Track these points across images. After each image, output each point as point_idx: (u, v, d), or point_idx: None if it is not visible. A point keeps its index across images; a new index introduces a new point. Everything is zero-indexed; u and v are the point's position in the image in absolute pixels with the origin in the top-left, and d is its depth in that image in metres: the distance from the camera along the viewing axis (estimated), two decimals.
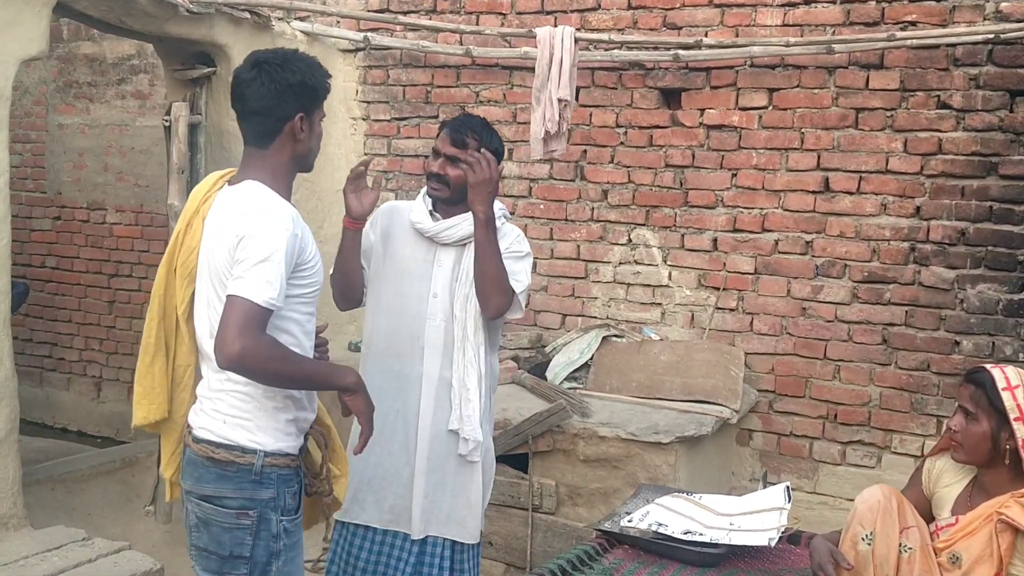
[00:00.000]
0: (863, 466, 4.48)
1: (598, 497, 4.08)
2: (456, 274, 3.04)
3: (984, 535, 2.44)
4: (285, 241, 2.25)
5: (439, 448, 3.07)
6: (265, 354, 2.19)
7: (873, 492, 2.54)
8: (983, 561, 2.42)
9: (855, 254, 4.44)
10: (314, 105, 2.42)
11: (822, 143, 4.46)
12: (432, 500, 3.06)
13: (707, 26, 4.62)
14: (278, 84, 2.34)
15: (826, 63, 4.41)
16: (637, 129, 4.81)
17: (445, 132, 3.04)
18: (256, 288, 2.19)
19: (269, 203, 2.32)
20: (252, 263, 2.21)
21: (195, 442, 2.37)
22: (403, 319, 3.06)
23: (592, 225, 4.95)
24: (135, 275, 6.71)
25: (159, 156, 6.52)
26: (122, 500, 4.56)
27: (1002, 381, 2.43)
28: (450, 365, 3.06)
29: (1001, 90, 4.12)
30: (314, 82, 2.40)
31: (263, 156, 2.39)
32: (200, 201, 2.43)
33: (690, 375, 4.40)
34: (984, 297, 4.21)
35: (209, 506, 2.34)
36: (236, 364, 2.18)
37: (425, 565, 3.08)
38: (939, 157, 4.26)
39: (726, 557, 3.12)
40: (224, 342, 2.16)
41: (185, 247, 2.41)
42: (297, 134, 2.38)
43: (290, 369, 2.27)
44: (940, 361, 4.31)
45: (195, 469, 2.37)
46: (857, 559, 2.48)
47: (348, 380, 2.40)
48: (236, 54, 4.70)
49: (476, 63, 5.10)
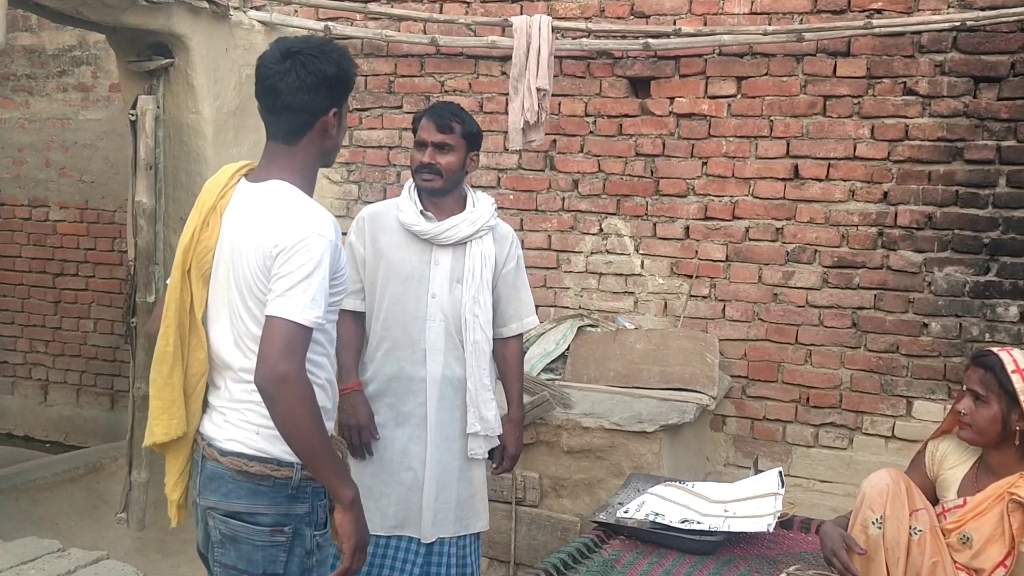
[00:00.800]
0: (835, 448, 4.55)
1: (582, 488, 4.07)
2: (457, 274, 3.01)
3: (995, 515, 2.48)
4: (328, 255, 2.13)
5: (447, 450, 3.04)
6: (303, 392, 2.07)
7: (881, 476, 2.56)
8: (994, 541, 2.46)
9: (825, 240, 4.50)
10: (345, 98, 2.28)
11: (791, 130, 4.51)
12: (442, 502, 3.04)
13: (675, 14, 4.63)
14: (315, 76, 2.18)
15: (794, 51, 4.46)
16: (606, 118, 4.80)
17: (428, 121, 3.00)
18: (301, 309, 2.06)
19: (308, 211, 2.16)
20: (295, 280, 2.07)
21: (223, 455, 2.21)
22: (403, 323, 3.02)
23: (563, 215, 4.93)
24: (81, 274, 6.51)
25: (104, 151, 6.35)
26: (89, 508, 4.42)
27: (1011, 364, 2.48)
28: (453, 364, 3.03)
29: (966, 76, 4.21)
30: (347, 73, 2.25)
31: (290, 153, 2.23)
32: (218, 196, 2.25)
33: (667, 363, 4.42)
34: (951, 280, 4.30)
35: (239, 523, 2.19)
36: (276, 386, 2.04)
37: (433, 565, 3.06)
38: (906, 143, 4.34)
39: (723, 544, 3.15)
40: (267, 361, 2.05)
41: (202, 246, 2.24)
42: (330, 130, 2.24)
43: (311, 426, 2.08)
44: (909, 343, 4.40)
45: (222, 484, 2.20)
46: (868, 543, 2.51)
47: (346, 492, 2.14)
48: (195, 44, 4.57)
49: (441, 52, 5.03)
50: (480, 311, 3.01)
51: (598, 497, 4.02)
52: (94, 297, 6.48)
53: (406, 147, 5.22)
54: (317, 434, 2.08)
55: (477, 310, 3.00)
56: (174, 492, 2.35)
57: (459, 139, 2.97)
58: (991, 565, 2.46)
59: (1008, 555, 2.44)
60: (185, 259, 2.26)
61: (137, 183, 4.15)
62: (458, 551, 3.10)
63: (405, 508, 3.03)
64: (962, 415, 2.56)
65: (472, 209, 3.03)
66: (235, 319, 2.22)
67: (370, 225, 3.07)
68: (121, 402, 6.36)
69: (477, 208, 3.04)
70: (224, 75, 4.75)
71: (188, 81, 4.62)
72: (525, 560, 4.14)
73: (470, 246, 3.01)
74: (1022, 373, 2.47)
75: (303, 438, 2.07)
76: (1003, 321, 4.22)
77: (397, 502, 3.04)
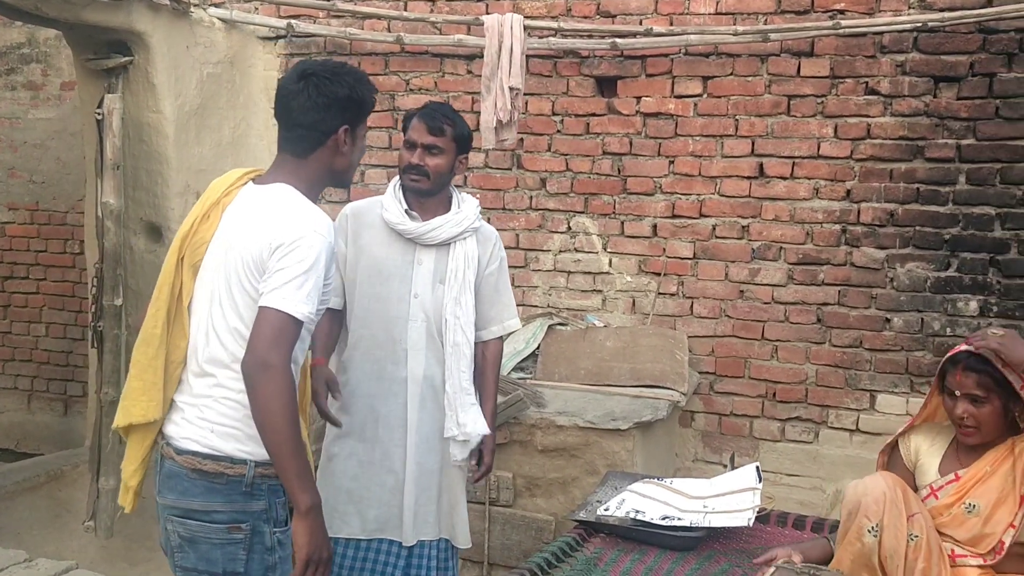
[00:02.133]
0: (802, 441, 4.62)
1: (556, 487, 4.08)
2: (440, 275, 2.99)
3: (999, 477, 2.49)
4: (325, 253, 2.21)
5: (427, 452, 3.02)
6: (284, 384, 2.11)
7: (877, 483, 2.52)
8: (1003, 502, 2.48)
9: (790, 237, 4.56)
10: (359, 119, 2.37)
11: (756, 130, 4.57)
12: (422, 504, 3.02)
13: (641, 14, 4.66)
14: (325, 97, 2.29)
15: (759, 51, 4.51)
16: (573, 117, 4.82)
17: (419, 122, 2.98)
18: (295, 302, 2.13)
19: (308, 212, 2.25)
20: (292, 275, 2.15)
21: (178, 454, 2.25)
22: (384, 322, 2.99)
23: (531, 214, 4.93)
24: (32, 276, 6.35)
25: (56, 151, 6.20)
26: (51, 516, 4.31)
27: (996, 360, 2.52)
28: (434, 365, 3.01)
29: (926, 76, 4.30)
30: (361, 96, 2.35)
31: (298, 164, 2.33)
32: (222, 193, 2.34)
33: (637, 360, 4.45)
34: (913, 275, 4.39)
35: (195, 523, 2.23)
36: (260, 373, 2.09)
37: (413, 568, 3.04)
38: (868, 141, 4.42)
39: (703, 540, 3.17)
40: (255, 349, 2.11)
41: (198, 237, 2.32)
42: (340, 147, 2.34)
43: (286, 421, 2.10)
44: (872, 338, 4.48)
45: (178, 483, 2.25)
46: (862, 551, 2.48)
47: (303, 497, 2.13)
48: (155, 42, 4.49)
49: (406, 51, 5.00)
50: (461, 312, 2.98)
51: (572, 496, 4.03)
52: (45, 300, 6.32)
53: (370, 146, 5.16)
54: (289, 429, 2.11)
55: (458, 311, 2.98)
56: (133, 479, 2.38)
57: (449, 142, 2.96)
58: (1002, 527, 2.47)
59: (1016, 516, 2.45)
60: (181, 247, 2.33)
61: (103, 184, 4.05)
62: (439, 553, 3.10)
63: (386, 511, 3.02)
64: (965, 420, 2.56)
65: (457, 210, 3.02)
66: (214, 308, 2.27)
67: (353, 222, 3.05)
68: (75, 408, 6.22)
69: (463, 209, 3.02)
70: (185, 73, 4.67)
71: (148, 79, 4.53)
72: (499, 560, 4.14)
73: (454, 247, 2.99)
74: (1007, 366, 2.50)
75: (275, 430, 2.10)
76: (963, 315, 4.33)
77: (378, 505, 3.02)
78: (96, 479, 4.02)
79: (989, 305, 4.28)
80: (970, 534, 2.53)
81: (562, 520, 3.99)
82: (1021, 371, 2.46)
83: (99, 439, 4.06)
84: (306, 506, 2.13)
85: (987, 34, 4.19)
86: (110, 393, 4.06)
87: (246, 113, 5.11)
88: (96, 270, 4.24)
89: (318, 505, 2.16)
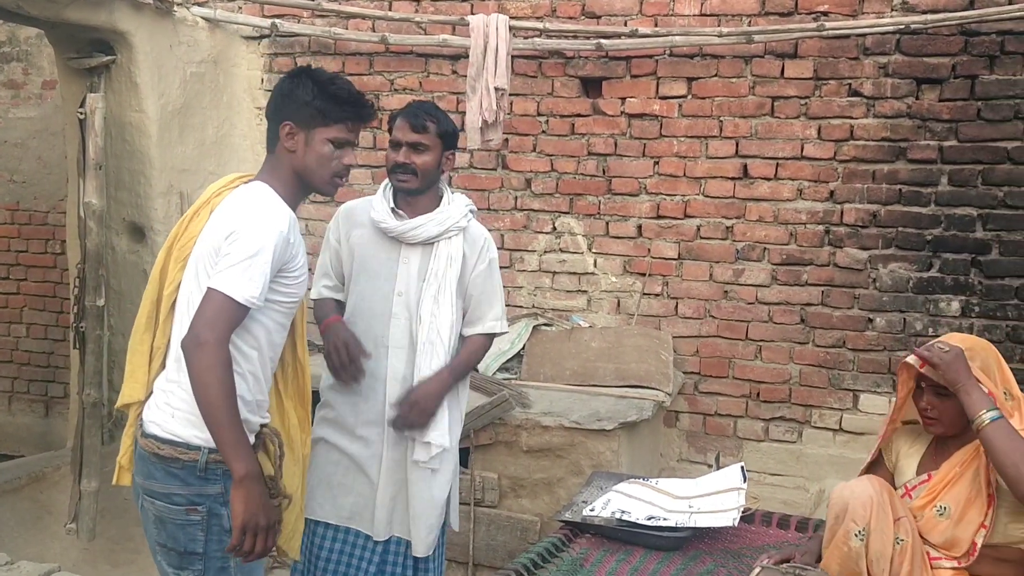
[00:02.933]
0: (785, 441, 4.64)
1: (541, 488, 4.08)
2: (423, 274, 2.99)
3: (968, 478, 2.51)
4: (274, 241, 2.29)
5: (401, 450, 3.02)
6: (217, 360, 2.20)
7: (864, 487, 2.51)
8: (972, 504, 2.49)
9: (774, 238, 4.58)
10: (313, 121, 2.42)
11: (740, 131, 4.58)
12: (398, 501, 3.02)
13: (626, 15, 4.67)
14: (278, 92, 2.47)
15: (743, 52, 4.53)
16: (559, 118, 4.82)
17: (402, 120, 2.99)
18: (237, 284, 2.23)
19: (267, 202, 2.36)
20: (237, 259, 2.24)
21: (143, 437, 2.37)
22: (369, 319, 3.01)
23: (516, 214, 4.94)
24: (13, 277, 6.29)
25: (37, 150, 6.15)
26: (33, 519, 4.27)
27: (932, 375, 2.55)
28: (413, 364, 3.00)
29: (908, 78, 4.33)
30: (316, 101, 2.41)
31: (270, 161, 2.49)
32: (214, 194, 2.47)
33: (622, 361, 4.46)
34: (895, 276, 4.42)
35: (161, 504, 2.34)
36: (193, 349, 2.21)
37: (388, 564, 3.04)
38: (851, 143, 4.44)
39: (689, 540, 3.19)
40: (193, 327, 2.22)
41: (187, 233, 2.44)
42: (284, 142, 2.43)
43: (219, 393, 2.20)
44: (855, 338, 4.50)
45: (144, 465, 2.38)
46: (848, 555, 2.48)
47: (238, 465, 2.20)
48: (138, 41, 4.47)
49: (390, 51, 4.99)
50: (438, 311, 2.96)
51: (557, 496, 4.04)
52: (26, 301, 6.27)
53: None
54: (222, 403, 2.20)
55: (435, 309, 2.96)
56: (124, 456, 2.53)
57: (434, 138, 2.95)
58: (973, 529, 2.48)
59: (986, 515, 2.46)
60: (171, 243, 2.47)
61: (86, 183, 4.03)
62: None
63: (360, 503, 3.03)
64: (928, 412, 2.59)
65: (442, 209, 3.01)
66: (192, 297, 2.36)
67: (344, 221, 3.10)
68: (56, 409, 6.18)
69: (448, 208, 3.01)
70: (168, 72, 4.65)
71: (131, 79, 4.51)
72: (484, 561, 4.14)
73: (438, 246, 3.00)
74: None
75: (207, 401, 2.20)
76: (945, 315, 4.36)
77: (354, 496, 3.03)
78: (78, 481, 3.99)
79: (971, 306, 4.31)
80: (943, 537, 2.53)
81: (547, 521, 4.00)
82: (953, 389, 2.48)
83: (81, 441, 4.03)
84: (240, 474, 2.21)
85: (969, 36, 4.22)
86: (92, 394, 4.04)
87: (230, 113, 5.09)
88: (78, 270, 4.21)
89: (253, 473, 2.23)
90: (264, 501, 2.26)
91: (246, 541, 2.23)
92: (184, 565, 2.36)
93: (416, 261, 3.01)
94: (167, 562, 2.39)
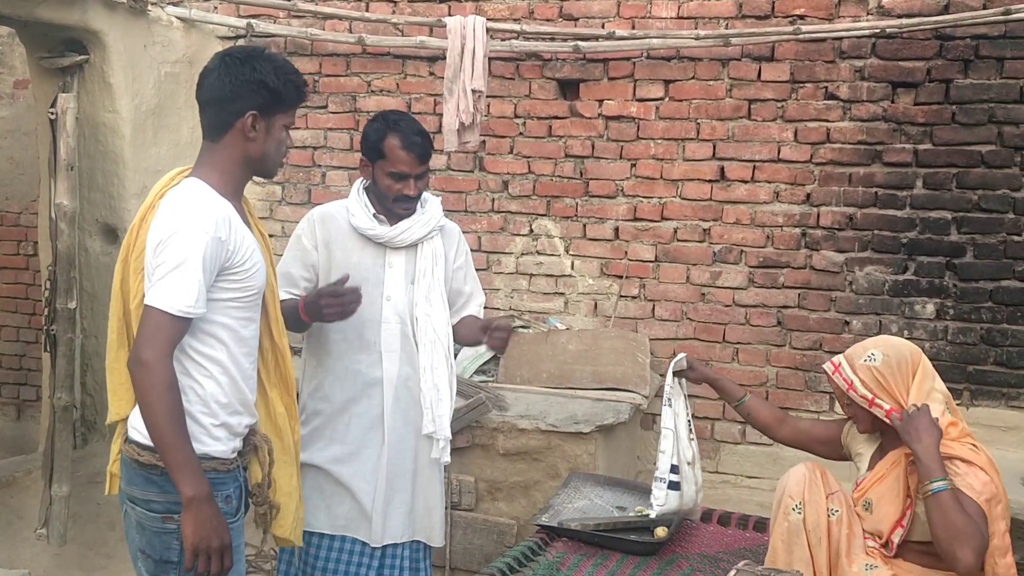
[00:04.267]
0: (762, 444, 4.64)
1: (518, 491, 4.06)
2: (411, 275, 3.00)
3: (891, 479, 2.66)
4: (203, 246, 2.21)
5: (400, 453, 3.03)
6: (159, 379, 2.16)
7: (799, 468, 2.75)
8: (889, 501, 2.64)
9: (750, 240, 4.59)
10: (274, 108, 2.36)
11: (717, 133, 4.59)
12: (395, 506, 3.02)
13: (604, 17, 4.67)
14: (234, 78, 2.31)
15: (720, 55, 4.54)
16: (536, 120, 4.81)
17: (407, 153, 2.91)
18: (170, 297, 2.18)
19: (194, 205, 2.26)
20: (166, 270, 2.20)
21: (126, 443, 2.33)
22: (359, 326, 2.98)
23: (493, 216, 4.92)
24: None
25: (9, 150, 6.07)
26: (3, 524, 4.20)
27: (831, 368, 2.78)
28: (408, 366, 3.02)
29: (884, 81, 4.35)
30: (276, 85, 2.34)
31: (213, 150, 2.36)
32: (156, 196, 2.36)
33: (599, 363, 4.45)
34: (871, 279, 4.44)
35: (140, 510, 2.31)
36: (134, 369, 2.18)
37: (386, 568, 3.03)
38: (827, 146, 4.46)
39: (665, 544, 3.18)
40: (136, 346, 2.20)
41: (140, 241, 2.33)
42: (247, 133, 2.34)
43: (162, 414, 2.16)
44: (832, 340, 4.52)
45: (127, 470, 2.35)
46: (790, 528, 2.67)
47: (185, 489, 2.17)
48: (111, 40, 4.42)
49: (367, 52, 4.97)
50: (431, 309, 2.99)
51: (534, 499, 4.03)
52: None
53: (331, 147, 5.15)
54: (166, 424, 2.16)
55: (428, 309, 2.99)
56: (114, 466, 2.46)
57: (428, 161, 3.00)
58: (889, 525, 2.63)
59: (903, 516, 2.61)
60: (126, 254, 2.36)
61: (57, 184, 3.98)
62: (412, 554, 3.10)
63: (356, 510, 3.01)
64: (846, 412, 2.84)
65: (423, 211, 3.02)
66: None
67: (321, 229, 3.02)
68: (28, 412, 6.10)
69: (428, 210, 3.04)
70: (142, 72, 4.60)
71: (104, 79, 4.47)
72: (460, 565, 4.11)
73: (422, 246, 3.02)
74: (840, 371, 2.73)
75: (151, 423, 2.18)
76: (920, 318, 4.38)
77: (349, 503, 3.02)
78: (49, 486, 3.94)
79: (946, 308, 4.34)
80: (869, 529, 2.69)
81: (524, 524, 3.98)
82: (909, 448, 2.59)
83: (52, 445, 3.98)
84: (187, 496, 2.17)
85: (944, 40, 4.25)
86: (63, 398, 3.99)
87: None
88: (49, 272, 4.16)
89: (203, 495, 2.19)
90: (215, 523, 2.21)
91: (199, 563, 2.20)
92: (159, 573, 2.31)
93: (401, 264, 3.01)
94: (145, 568, 2.35)
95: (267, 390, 2.53)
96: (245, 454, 2.47)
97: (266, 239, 2.56)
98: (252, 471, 2.51)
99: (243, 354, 2.39)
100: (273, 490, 2.55)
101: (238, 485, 2.41)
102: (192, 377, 2.30)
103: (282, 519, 2.58)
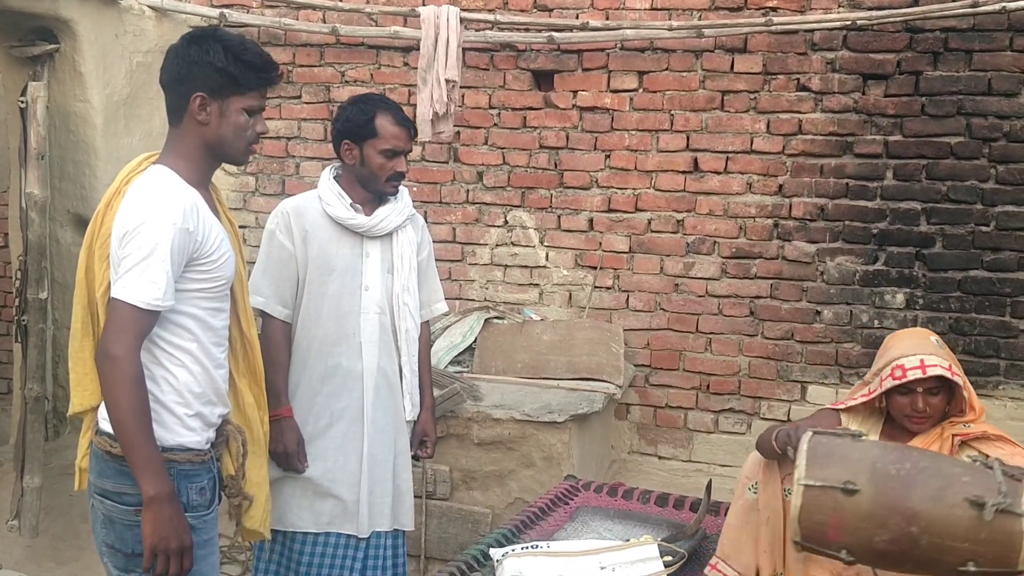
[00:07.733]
0: (735, 433, 4.69)
1: (493, 480, 4.08)
2: (387, 265, 3.01)
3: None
4: (170, 237, 2.19)
5: (380, 443, 3.05)
6: (125, 374, 2.14)
7: (755, 454, 2.82)
8: None
9: (723, 231, 4.62)
10: (227, 91, 2.30)
11: (691, 125, 4.61)
12: (377, 496, 3.03)
13: (578, 8, 4.68)
14: (182, 59, 2.30)
15: (693, 47, 4.56)
16: (510, 111, 4.82)
17: (398, 128, 2.95)
18: (137, 290, 2.16)
19: (160, 195, 2.23)
20: (133, 262, 2.17)
21: (97, 435, 2.31)
22: (336, 318, 2.99)
23: (468, 207, 4.93)
24: None
25: None
26: None
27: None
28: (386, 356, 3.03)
29: (855, 74, 4.39)
30: (224, 66, 2.28)
31: (175, 135, 2.35)
32: (123, 182, 2.33)
33: (573, 353, 4.47)
34: (843, 269, 4.49)
35: (110, 503, 2.28)
36: (101, 363, 2.17)
37: (370, 558, 3.06)
38: (799, 137, 4.49)
39: None
40: (102, 339, 2.18)
41: (105, 228, 2.29)
42: (196, 115, 2.30)
43: (127, 411, 2.15)
44: (803, 330, 4.56)
45: (97, 463, 2.31)
46: (745, 506, 2.75)
47: (146, 487, 2.15)
48: (82, 29, 4.36)
49: (341, 42, 4.95)
50: (409, 299, 3.03)
51: (509, 489, 4.05)
52: None
53: (305, 138, 5.13)
54: (131, 421, 2.14)
55: (407, 298, 3.03)
56: (83, 461, 2.43)
57: None
58: None
59: None
60: (91, 241, 2.33)
61: (27, 174, 3.94)
62: (393, 542, 3.12)
63: (342, 504, 3.01)
64: (925, 412, 2.59)
65: (397, 200, 3.03)
66: None
67: (296, 221, 2.99)
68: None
69: (402, 198, 3.04)
70: (114, 62, 4.55)
71: (75, 68, 4.41)
72: (436, 554, 4.13)
73: (397, 235, 3.03)
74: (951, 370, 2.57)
75: (117, 420, 2.16)
76: (891, 308, 4.43)
77: (334, 498, 3.01)
78: (20, 477, 3.91)
79: (915, 298, 4.39)
80: None
81: (499, 512, 4.01)
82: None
83: (23, 436, 3.95)
84: (148, 495, 2.16)
85: (913, 33, 4.29)
86: (35, 389, 3.96)
87: None
88: (20, 262, 4.12)
89: (164, 494, 2.17)
90: (176, 523, 2.19)
91: (158, 563, 2.18)
92: (130, 567, 2.28)
93: (378, 254, 3.02)
94: (113, 564, 2.33)
95: (236, 380, 2.53)
96: (218, 445, 2.46)
97: (235, 228, 2.54)
98: (224, 463, 2.50)
99: (213, 344, 2.38)
100: (244, 482, 2.54)
101: (212, 477, 2.40)
102: (165, 367, 2.29)
103: (253, 511, 2.58)
